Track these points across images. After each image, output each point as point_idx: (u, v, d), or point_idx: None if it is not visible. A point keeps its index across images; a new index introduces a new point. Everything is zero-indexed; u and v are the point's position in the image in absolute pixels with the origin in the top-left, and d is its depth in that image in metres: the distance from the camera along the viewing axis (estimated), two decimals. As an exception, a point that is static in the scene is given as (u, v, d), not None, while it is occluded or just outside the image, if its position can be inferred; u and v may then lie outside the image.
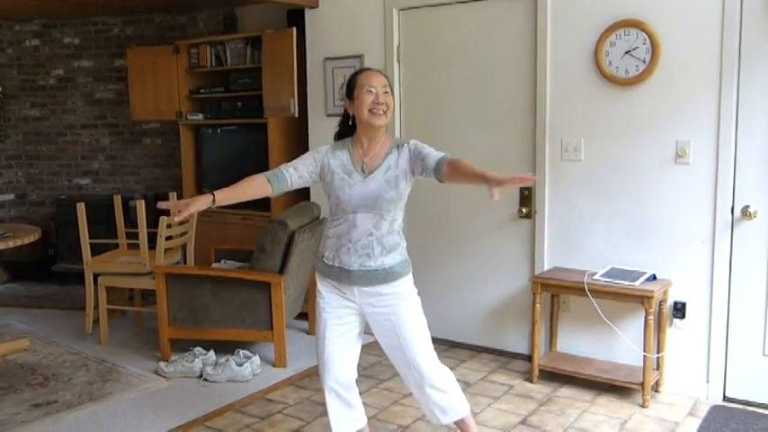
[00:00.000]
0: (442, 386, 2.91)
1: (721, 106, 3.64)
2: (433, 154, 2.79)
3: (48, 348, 4.78)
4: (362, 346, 4.32)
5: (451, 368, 4.28)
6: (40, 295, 6.32)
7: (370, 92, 2.76)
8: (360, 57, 4.89)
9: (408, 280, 2.92)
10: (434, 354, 2.94)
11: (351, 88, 2.83)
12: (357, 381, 3.02)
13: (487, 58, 4.43)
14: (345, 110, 2.90)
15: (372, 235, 2.79)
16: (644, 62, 3.82)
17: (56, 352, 4.70)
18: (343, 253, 2.82)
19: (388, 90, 2.82)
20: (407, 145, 2.86)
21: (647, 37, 3.80)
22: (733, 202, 3.69)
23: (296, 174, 2.82)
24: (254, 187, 2.78)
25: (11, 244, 4.26)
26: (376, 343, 3.13)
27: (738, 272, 3.72)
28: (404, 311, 2.87)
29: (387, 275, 2.82)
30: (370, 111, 2.76)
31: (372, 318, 2.89)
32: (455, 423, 3.00)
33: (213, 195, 2.62)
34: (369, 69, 2.91)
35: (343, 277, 2.83)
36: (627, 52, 3.88)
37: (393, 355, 2.94)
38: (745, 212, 3.65)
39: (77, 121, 6.93)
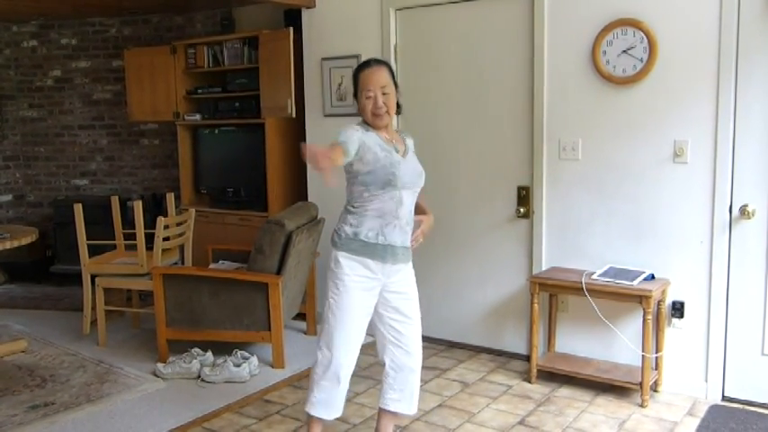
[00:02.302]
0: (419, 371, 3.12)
1: (719, 105, 3.64)
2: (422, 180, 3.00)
3: (45, 349, 4.76)
4: (361, 346, 4.30)
5: (450, 368, 4.35)
6: (38, 296, 6.31)
7: (369, 98, 2.84)
8: (357, 57, 4.88)
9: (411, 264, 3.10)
10: None
11: (355, 88, 2.93)
12: (353, 378, 3.06)
13: (485, 58, 4.43)
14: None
15: (411, 213, 2.95)
16: (641, 61, 3.82)
17: (53, 353, 4.69)
18: (389, 231, 2.87)
19: (388, 88, 2.86)
20: (411, 140, 3.08)
21: (644, 36, 3.79)
22: (731, 201, 3.68)
23: (352, 143, 2.71)
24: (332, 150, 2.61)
25: (8, 245, 4.25)
26: (374, 344, 3.13)
27: (737, 271, 3.71)
28: (415, 291, 3.07)
29: (410, 253, 3.02)
30: (372, 114, 2.87)
31: (391, 294, 2.98)
32: (386, 413, 3.15)
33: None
34: (369, 66, 2.92)
35: (387, 254, 2.88)
36: (624, 51, 3.87)
37: (403, 331, 3.02)
38: (744, 211, 3.65)
39: (75, 121, 6.92)
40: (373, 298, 2.95)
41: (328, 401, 2.97)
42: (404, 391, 3.06)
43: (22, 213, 7.01)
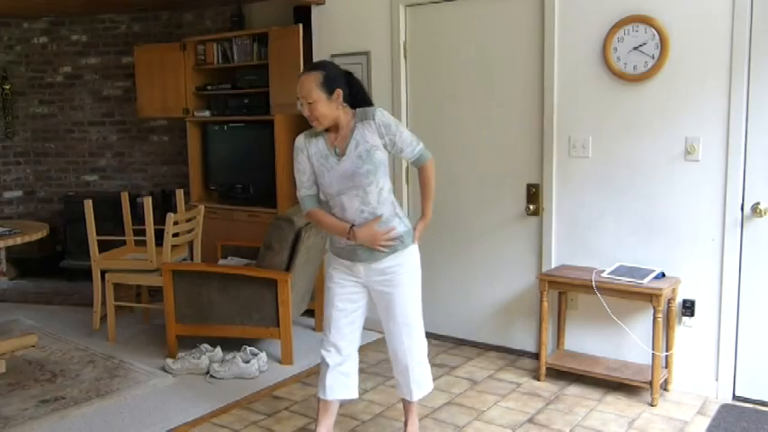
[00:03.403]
0: (423, 359, 3.15)
1: (731, 102, 3.61)
2: (408, 149, 2.97)
3: (55, 345, 4.79)
4: (370, 343, 4.32)
5: (458, 366, 4.34)
6: (48, 291, 6.34)
7: (302, 105, 2.90)
8: (366, 53, 4.88)
9: (411, 252, 3.04)
10: (423, 327, 3.14)
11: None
12: (363, 375, 3.07)
13: (494, 54, 4.41)
14: None
15: (364, 212, 2.90)
16: (653, 58, 3.79)
17: (63, 348, 4.71)
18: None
19: (312, 98, 2.84)
20: (373, 120, 2.89)
21: (656, 32, 3.77)
22: (743, 199, 3.66)
23: (310, 185, 3.00)
24: (321, 214, 3.00)
25: (19, 240, 4.26)
26: (383, 340, 3.13)
27: (748, 269, 3.69)
28: (403, 287, 3.01)
29: (389, 249, 2.95)
30: (308, 118, 2.90)
31: (375, 293, 3.04)
32: (411, 402, 3.21)
33: (348, 226, 2.91)
34: (300, 75, 2.94)
35: (352, 256, 2.97)
36: (635, 48, 3.85)
37: (390, 329, 3.08)
38: (756, 209, 3.62)
39: (85, 118, 6.94)
40: (357, 292, 3.06)
41: (321, 380, 3.10)
42: (407, 385, 3.14)
43: (32, 209, 7.04)
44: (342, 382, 3.09)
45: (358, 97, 2.95)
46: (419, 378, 3.14)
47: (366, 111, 2.92)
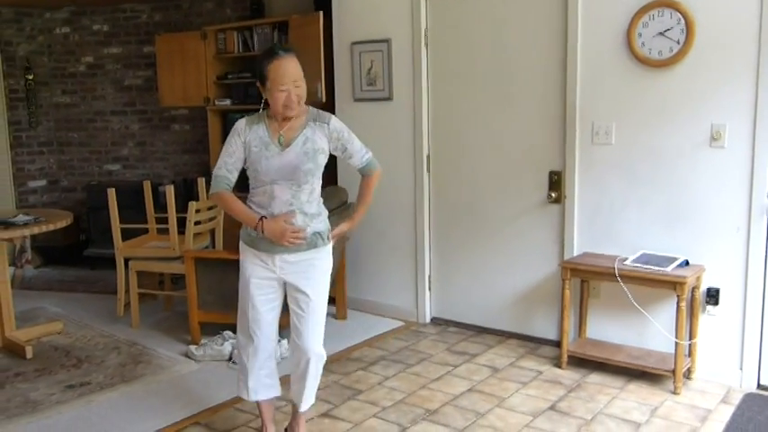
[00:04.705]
0: (320, 365, 3.04)
1: (759, 87, 3.55)
2: (357, 156, 3.01)
3: (81, 331, 4.85)
4: (390, 331, 4.32)
5: (479, 353, 4.33)
6: (73, 279, 6.42)
7: (282, 91, 2.77)
8: (387, 41, 4.86)
9: (327, 251, 3.02)
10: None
11: (263, 78, 2.81)
12: (384, 362, 3.05)
13: (516, 40, 4.38)
14: (258, 90, 2.90)
15: (293, 205, 2.87)
16: (678, 43, 3.75)
17: (88, 335, 4.77)
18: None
19: (300, 81, 2.80)
20: (327, 125, 2.93)
21: (681, 17, 3.72)
22: (769, 187, 3.61)
23: (231, 168, 2.90)
24: (232, 199, 2.94)
25: (44, 228, 4.32)
26: (404, 328, 3.13)
27: (774, 257, 3.64)
28: (317, 284, 2.97)
29: (309, 242, 2.91)
30: (284, 106, 2.81)
31: (288, 285, 2.98)
32: (299, 411, 3.12)
33: (257, 218, 2.87)
34: (278, 56, 2.79)
35: (269, 247, 2.90)
36: (660, 33, 3.80)
37: (298, 320, 2.98)
38: (782, 197, 3.58)
39: (107, 107, 7.00)
40: (271, 287, 2.98)
41: (243, 382, 3.10)
42: (296, 382, 3.04)
43: (56, 198, 7.13)
44: (265, 384, 3.10)
45: None
46: (314, 381, 3.04)
47: (320, 113, 2.95)
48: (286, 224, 2.84)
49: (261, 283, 2.97)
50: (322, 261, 3.00)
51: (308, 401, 3.08)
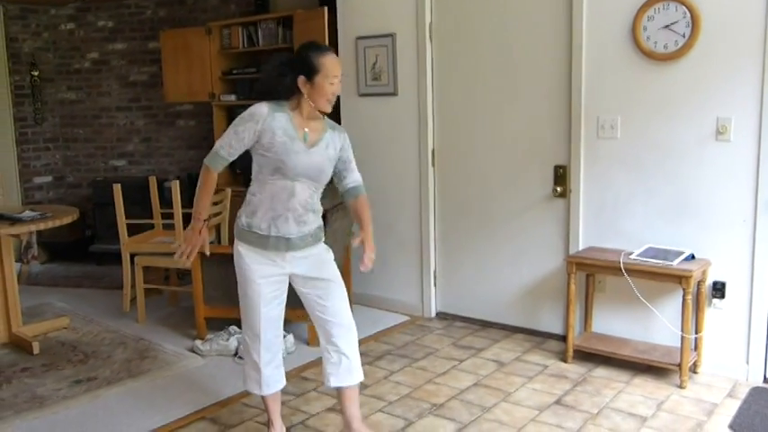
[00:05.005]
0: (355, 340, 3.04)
1: (764, 81, 3.54)
2: (353, 175, 3.00)
3: (87, 326, 4.87)
4: (396, 326, 4.33)
5: (485, 348, 4.33)
6: (79, 275, 6.44)
7: (332, 84, 2.78)
8: (392, 35, 4.86)
9: (323, 245, 3.05)
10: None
11: (312, 71, 2.75)
12: (390, 357, 3.05)
13: (521, 34, 4.37)
14: (287, 78, 2.79)
15: (308, 204, 2.88)
16: (683, 36, 3.73)
17: (95, 330, 4.79)
18: (281, 223, 2.85)
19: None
20: (341, 134, 2.97)
21: (686, 10, 3.70)
22: (775, 180, 3.60)
23: (233, 153, 2.87)
24: (211, 184, 2.92)
25: (50, 224, 4.33)
26: (409, 323, 3.13)
27: (780, 251, 3.64)
28: (328, 268, 3.00)
29: (315, 238, 2.96)
30: (328, 101, 2.81)
31: (300, 278, 2.96)
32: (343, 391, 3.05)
33: (202, 222, 2.90)
34: (330, 52, 2.81)
35: (281, 245, 2.87)
36: (666, 26, 3.78)
37: (323, 301, 2.97)
38: (788, 190, 3.56)
39: (112, 103, 7.01)
40: (278, 284, 2.96)
41: (254, 378, 3.08)
42: (339, 366, 3.00)
43: (61, 194, 7.15)
44: (275, 377, 3.10)
45: None
46: (351, 361, 3.01)
47: (334, 123, 2.98)
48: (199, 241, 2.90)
49: (268, 281, 2.93)
50: (327, 252, 3.04)
51: (361, 372, 3.05)
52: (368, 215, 3.02)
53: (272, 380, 3.09)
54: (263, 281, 2.92)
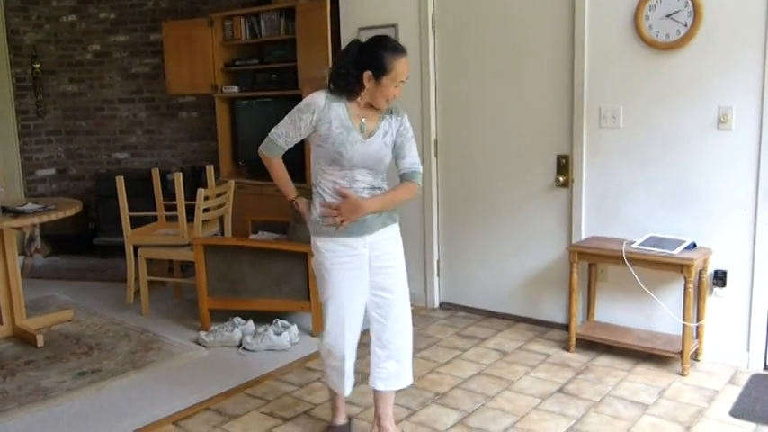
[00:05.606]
0: (410, 334, 2.99)
1: (766, 70, 3.54)
2: (410, 158, 2.89)
3: (91, 319, 4.89)
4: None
5: (488, 337, 4.35)
6: (82, 268, 6.46)
7: (397, 87, 2.73)
8: (394, 26, 4.85)
9: (398, 227, 2.99)
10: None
11: (382, 71, 2.69)
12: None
13: (523, 24, 4.36)
14: (353, 73, 2.73)
15: (371, 186, 2.84)
16: (685, 26, 3.73)
17: (99, 322, 4.81)
18: None
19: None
20: (400, 117, 2.88)
21: (689, 0, 3.70)
22: (777, 169, 3.61)
23: (290, 142, 2.89)
24: (279, 167, 2.99)
25: (53, 217, 4.34)
26: (412, 313, 3.13)
27: (782, 239, 3.64)
28: (399, 264, 2.94)
29: (389, 217, 2.91)
30: (388, 101, 2.77)
31: (376, 263, 2.88)
32: (382, 393, 3.01)
33: (293, 199, 3.00)
34: (404, 56, 2.73)
35: (357, 229, 2.81)
36: (668, 16, 3.78)
37: (382, 309, 2.90)
38: (790, 179, 3.57)
39: (114, 95, 7.01)
40: (361, 277, 2.87)
41: (338, 380, 3.02)
42: (389, 368, 2.95)
43: (64, 187, 7.16)
44: (352, 378, 3.06)
45: None
46: (404, 362, 2.97)
47: (395, 106, 2.88)
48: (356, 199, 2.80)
49: (350, 273, 2.85)
50: (398, 237, 2.96)
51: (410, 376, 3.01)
52: (392, 192, 2.88)
53: (350, 381, 3.05)
54: (343, 273, 2.84)
